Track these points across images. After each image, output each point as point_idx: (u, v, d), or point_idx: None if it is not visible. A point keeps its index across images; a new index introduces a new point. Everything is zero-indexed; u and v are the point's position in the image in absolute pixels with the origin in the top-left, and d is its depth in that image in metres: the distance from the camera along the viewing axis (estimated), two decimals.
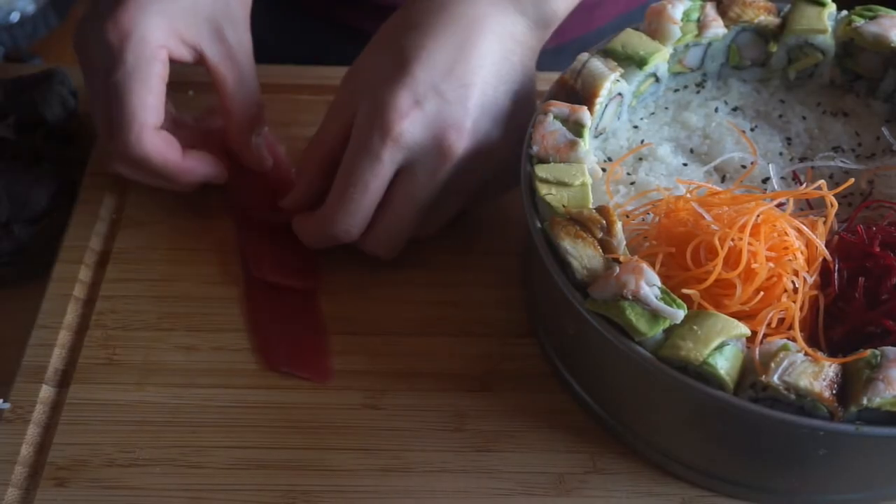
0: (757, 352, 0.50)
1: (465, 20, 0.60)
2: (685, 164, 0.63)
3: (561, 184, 0.57)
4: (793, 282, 0.53)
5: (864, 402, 0.47)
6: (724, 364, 0.49)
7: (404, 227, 0.63)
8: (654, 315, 0.50)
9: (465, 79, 0.59)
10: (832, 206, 0.56)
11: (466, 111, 0.59)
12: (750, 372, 0.50)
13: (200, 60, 0.65)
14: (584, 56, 0.63)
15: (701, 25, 0.65)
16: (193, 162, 0.65)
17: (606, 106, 0.62)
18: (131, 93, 0.60)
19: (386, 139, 0.58)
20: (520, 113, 0.62)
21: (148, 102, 0.61)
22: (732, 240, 0.52)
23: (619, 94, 0.63)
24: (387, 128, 0.58)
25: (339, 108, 0.63)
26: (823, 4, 0.65)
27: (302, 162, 0.66)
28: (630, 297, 0.50)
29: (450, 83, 0.58)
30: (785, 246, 0.53)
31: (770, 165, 0.62)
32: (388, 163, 0.59)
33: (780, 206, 0.55)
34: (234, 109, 0.66)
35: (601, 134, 0.64)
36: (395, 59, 0.59)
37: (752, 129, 0.65)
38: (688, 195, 0.57)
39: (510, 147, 0.61)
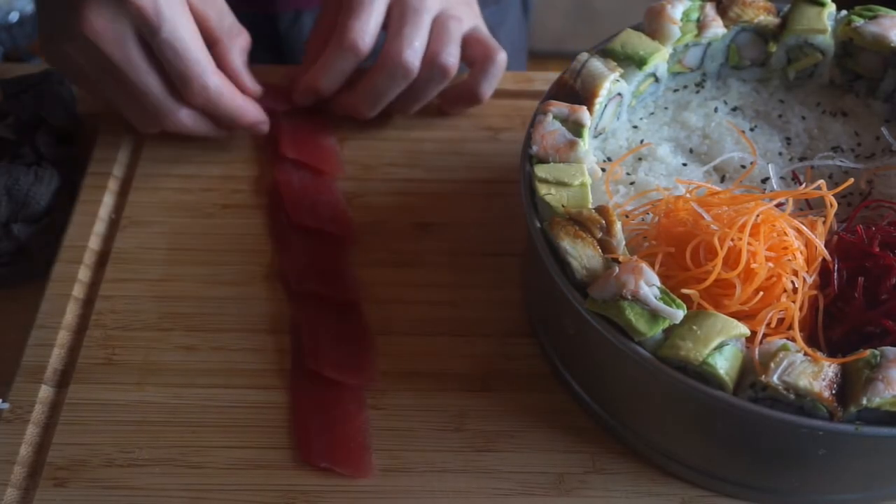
0: (756, 352, 0.50)
1: None
2: (685, 164, 0.63)
3: (560, 184, 0.57)
4: (792, 282, 0.53)
5: (864, 402, 0.47)
6: (724, 364, 0.49)
7: (416, 35, 0.70)
8: (654, 315, 0.50)
9: None
10: (831, 205, 0.56)
11: None
12: (749, 372, 0.50)
13: None
14: (583, 56, 0.63)
15: (700, 25, 0.65)
16: (247, 102, 0.70)
17: (606, 106, 0.62)
18: (188, 40, 0.64)
19: None
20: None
21: (202, 45, 0.66)
22: (732, 240, 0.52)
23: (619, 94, 0.63)
24: None
25: (321, 27, 0.74)
26: (823, 4, 0.65)
27: (308, 41, 0.75)
28: (630, 297, 0.50)
29: None
30: (784, 246, 0.53)
31: (769, 165, 0.62)
32: None
33: (779, 205, 0.55)
34: (223, 38, 0.70)
35: (601, 134, 0.64)
36: None
37: (751, 129, 0.65)
38: (687, 195, 0.57)
39: None
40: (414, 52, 0.70)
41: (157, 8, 0.62)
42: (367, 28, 0.69)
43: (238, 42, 0.70)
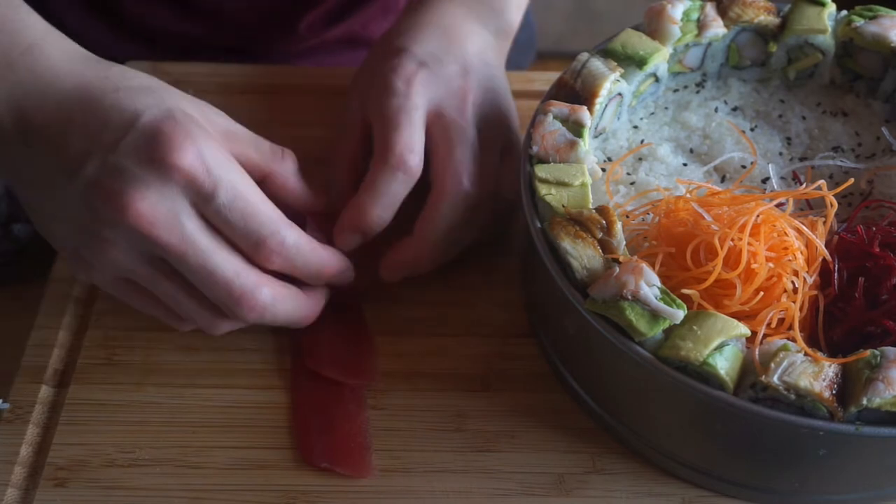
0: (757, 352, 0.50)
1: (445, 26, 0.66)
2: (685, 164, 0.63)
3: (561, 184, 0.57)
4: (793, 282, 0.53)
5: (864, 402, 0.47)
6: (724, 364, 0.49)
7: (468, 158, 0.61)
8: (654, 315, 0.50)
9: (456, 54, 0.64)
10: (832, 206, 0.56)
11: (466, 72, 0.64)
12: (750, 372, 0.50)
13: None
14: (584, 56, 0.63)
15: (701, 25, 0.65)
16: (327, 251, 0.59)
17: (606, 106, 0.62)
18: (250, 196, 0.53)
19: (409, 83, 0.61)
20: (506, 106, 0.67)
21: (265, 198, 0.55)
22: (732, 240, 0.52)
23: (619, 94, 0.63)
24: (405, 76, 0.61)
25: (349, 117, 0.66)
26: (823, 4, 0.65)
27: (330, 170, 0.66)
28: (630, 297, 0.50)
29: (445, 55, 0.64)
30: (785, 246, 0.53)
31: (770, 165, 0.62)
32: (416, 100, 0.61)
33: (779, 206, 0.55)
34: (271, 168, 0.59)
35: (601, 134, 0.64)
36: (390, 51, 0.64)
37: (751, 129, 0.65)
38: (688, 195, 0.57)
39: (504, 125, 0.65)
40: (473, 176, 0.61)
41: (208, 168, 0.51)
42: (414, 143, 0.59)
43: (288, 165, 0.59)
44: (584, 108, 0.60)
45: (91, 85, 0.53)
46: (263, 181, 0.58)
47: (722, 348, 0.49)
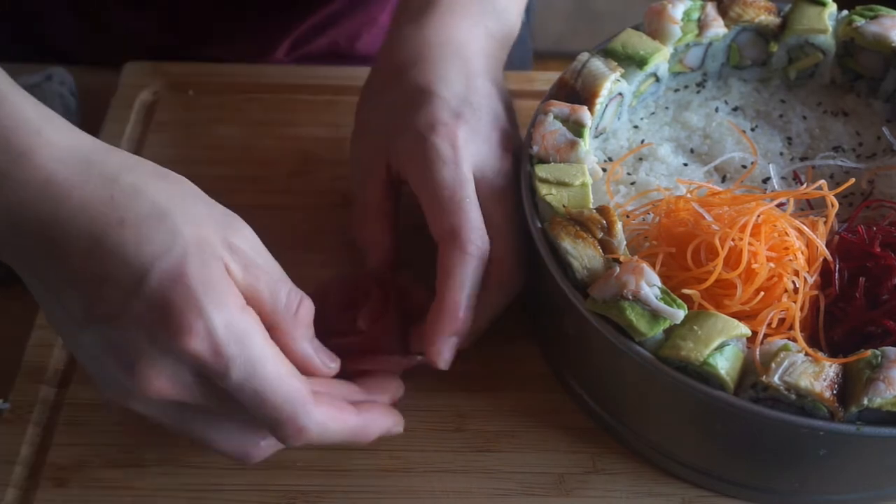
0: (757, 352, 0.50)
1: (454, 46, 0.62)
2: (685, 164, 0.63)
3: (561, 184, 0.57)
4: (793, 282, 0.53)
5: (865, 402, 0.47)
6: (725, 364, 0.49)
7: (515, 241, 0.58)
8: (655, 315, 0.50)
9: (481, 90, 0.61)
10: (833, 205, 0.56)
11: (497, 116, 0.61)
12: (750, 372, 0.50)
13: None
14: (584, 56, 0.63)
15: (701, 25, 0.65)
16: (369, 415, 0.53)
17: (606, 106, 0.62)
18: (267, 377, 0.47)
19: (454, 145, 0.57)
20: (513, 117, 0.65)
21: (287, 372, 0.49)
22: (733, 240, 0.52)
23: (620, 93, 0.63)
24: (449, 137, 0.58)
25: (367, 161, 0.62)
26: (824, 4, 0.65)
27: (357, 230, 0.63)
28: (630, 297, 0.50)
29: (473, 95, 0.60)
30: (785, 246, 0.53)
31: (770, 165, 0.62)
32: (465, 169, 0.57)
33: (780, 206, 0.55)
34: (281, 322, 0.51)
35: (601, 134, 0.64)
36: (412, 93, 0.60)
37: (752, 129, 0.65)
38: (688, 195, 0.57)
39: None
40: (521, 248, 0.58)
41: (218, 348, 0.46)
42: (480, 222, 0.57)
43: (301, 320, 0.52)
44: (585, 107, 0.60)
45: (93, 216, 0.46)
46: (270, 330, 0.50)
47: (722, 348, 0.49)
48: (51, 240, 0.46)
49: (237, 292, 0.48)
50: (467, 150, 0.58)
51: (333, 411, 0.51)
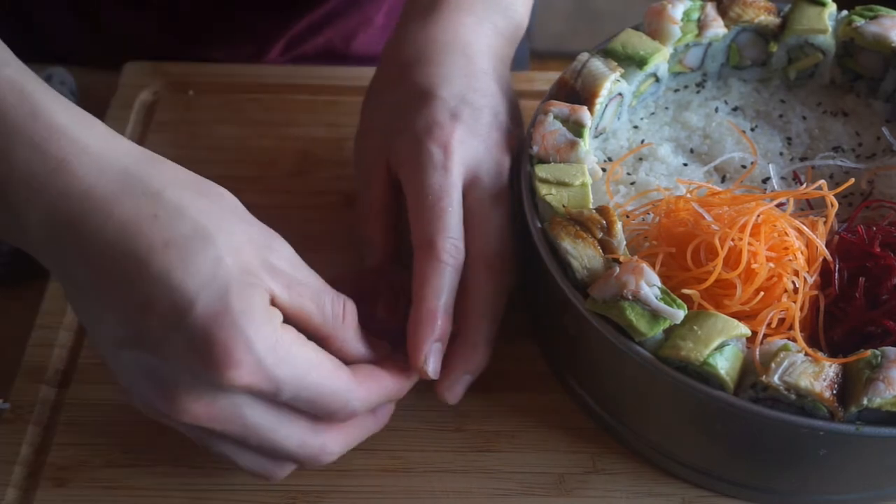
0: (757, 352, 0.50)
1: (459, 45, 0.62)
2: (685, 164, 0.63)
3: (561, 184, 0.57)
4: (793, 282, 0.53)
5: (865, 402, 0.47)
6: (725, 364, 0.49)
7: (504, 232, 0.58)
8: (655, 315, 0.50)
9: (484, 90, 0.61)
10: (832, 205, 0.56)
11: (497, 114, 0.61)
12: (750, 372, 0.50)
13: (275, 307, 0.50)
14: (584, 56, 0.63)
15: (701, 25, 0.65)
16: (398, 372, 0.55)
17: (606, 106, 0.62)
18: (317, 385, 0.49)
19: (446, 151, 0.58)
20: (516, 115, 0.65)
21: (330, 370, 0.50)
22: (732, 240, 0.52)
23: (620, 94, 0.63)
24: (442, 141, 0.58)
25: (369, 161, 0.62)
26: (824, 4, 0.65)
27: (360, 229, 0.63)
28: (630, 297, 0.50)
29: (474, 95, 0.60)
30: (785, 246, 0.53)
31: (770, 165, 0.62)
32: (455, 174, 0.57)
33: (780, 206, 0.55)
34: (330, 331, 0.52)
35: (601, 134, 0.64)
36: (414, 93, 0.60)
37: (752, 129, 0.65)
38: (688, 195, 0.57)
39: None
40: (510, 259, 0.59)
41: (267, 374, 0.46)
42: (457, 231, 0.57)
43: (349, 324, 0.53)
44: (585, 108, 0.60)
45: (137, 236, 0.45)
46: (321, 342, 0.52)
47: (722, 348, 0.49)
48: (93, 257, 0.46)
49: (276, 313, 0.48)
50: (461, 152, 0.58)
51: (372, 383, 0.52)
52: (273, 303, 0.48)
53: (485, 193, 0.58)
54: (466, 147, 0.58)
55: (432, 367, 0.55)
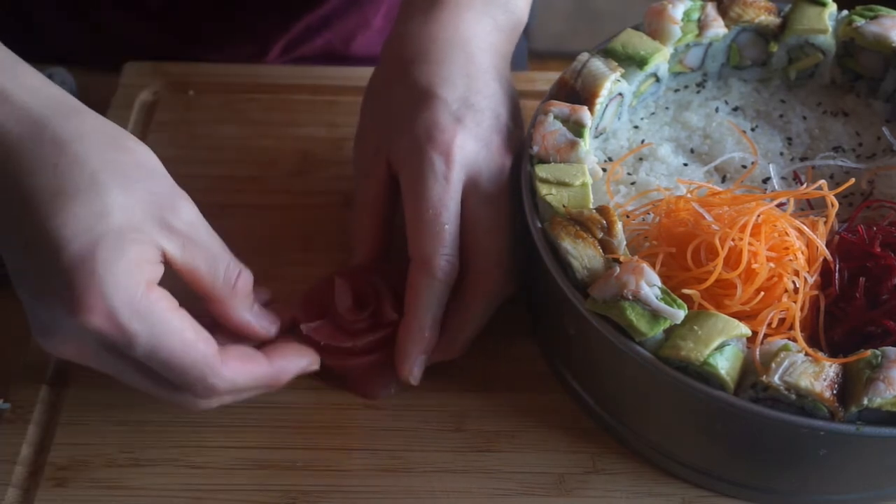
0: (757, 352, 0.50)
1: (460, 43, 0.62)
2: (686, 164, 0.63)
3: (561, 184, 0.57)
4: (793, 282, 0.53)
5: (865, 402, 0.47)
6: (725, 364, 0.49)
7: (501, 243, 0.59)
8: (655, 315, 0.50)
9: (485, 90, 0.61)
10: (833, 205, 0.56)
11: (499, 116, 0.61)
12: (750, 372, 0.50)
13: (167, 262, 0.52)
14: (584, 56, 0.63)
15: (701, 25, 0.65)
16: (281, 360, 0.57)
17: (607, 106, 0.62)
18: (173, 347, 0.50)
19: (448, 160, 0.58)
20: (519, 111, 0.65)
21: (193, 339, 0.51)
22: (733, 240, 0.52)
23: (620, 94, 0.63)
24: (443, 148, 0.58)
25: (368, 159, 0.63)
26: (824, 4, 0.65)
27: (354, 223, 0.64)
28: (630, 297, 0.50)
29: (476, 96, 0.60)
30: (785, 246, 0.53)
31: (770, 165, 0.62)
32: (456, 183, 0.58)
33: (780, 206, 0.55)
34: (219, 295, 0.54)
35: (601, 134, 0.64)
36: (414, 93, 0.60)
37: (752, 129, 0.65)
38: (688, 195, 0.57)
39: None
40: (508, 263, 0.59)
41: (120, 324, 0.48)
42: (452, 246, 0.58)
43: (240, 292, 0.55)
44: (585, 108, 0.60)
45: (35, 183, 0.48)
46: (209, 304, 0.55)
47: (722, 348, 0.49)
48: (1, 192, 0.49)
49: (152, 273, 0.50)
50: (462, 158, 0.58)
51: (241, 365, 0.54)
52: (166, 260, 0.51)
53: (484, 198, 0.59)
54: (468, 152, 0.58)
55: (416, 377, 0.59)
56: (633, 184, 0.62)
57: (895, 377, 0.48)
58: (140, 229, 0.49)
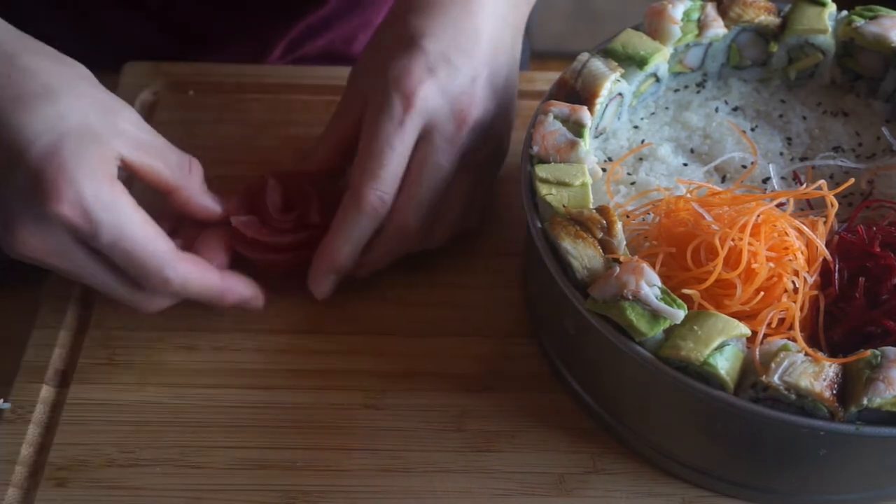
0: (757, 352, 0.50)
1: (462, 2, 0.63)
2: (685, 164, 0.63)
3: (561, 184, 0.57)
4: (793, 282, 0.53)
5: (865, 402, 0.47)
6: (725, 364, 0.49)
7: (429, 198, 0.62)
8: (655, 315, 0.50)
9: (470, 51, 0.62)
10: (832, 205, 0.56)
11: (475, 79, 0.62)
12: (750, 372, 0.50)
13: (123, 165, 0.57)
14: (584, 56, 0.63)
15: (701, 25, 0.65)
16: (232, 280, 0.61)
17: (607, 106, 0.62)
18: (134, 236, 0.54)
19: (407, 105, 0.59)
20: (511, 87, 0.65)
21: (154, 234, 0.56)
22: (733, 240, 0.52)
23: (620, 94, 0.63)
24: (406, 93, 0.59)
25: (351, 94, 0.65)
26: (824, 4, 0.65)
27: (319, 140, 0.66)
28: (630, 297, 0.50)
29: (457, 54, 0.61)
30: (785, 246, 0.53)
31: (770, 165, 0.62)
32: (410, 128, 0.60)
33: (780, 206, 0.55)
34: (176, 183, 0.60)
35: (601, 134, 0.64)
36: (402, 38, 0.62)
37: (752, 129, 0.65)
38: (688, 195, 0.57)
39: (503, 119, 0.65)
40: (423, 219, 0.62)
41: (86, 212, 0.52)
42: (389, 187, 0.60)
43: (195, 176, 0.61)
44: (585, 108, 0.60)
45: None
46: (168, 195, 0.60)
47: (722, 348, 0.49)
48: None
49: (112, 169, 0.55)
50: (422, 107, 0.59)
51: (194, 267, 0.58)
52: (123, 163, 0.56)
53: (432, 152, 0.61)
54: (430, 104, 0.60)
55: (322, 293, 0.63)
56: (633, 184, 0.62)
57: (895, 377, 0.48)
58: (96, 131, 0.54)
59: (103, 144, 0.54)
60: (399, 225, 0.62)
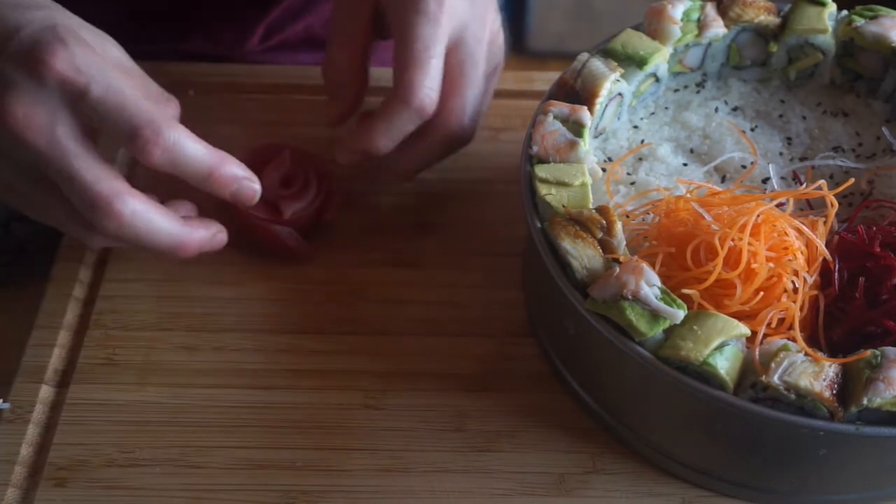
0: (757, 352, 0.50)
1: None
2: (685, 164, 0.63)
3: (561, 184, 0.57)
4: (793, 282, 0.53)
5: (865, 402, 0.47)
6: (725, 364, 0.49)
7: (476, 96, 0.64)
8: (655, 315, 0.50)
9: None
10: (832, 205, 0.56)
11: None
12: (750, 372, 0.50)
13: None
14: (584, 56, 0.63)
15: (701, 25, 0.65)
16: (196, 222, 0.60)
17: (606, 106, 0.62)
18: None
19: (440, 4, 0.61)
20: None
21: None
22: (732, 240, 0.52)
23: (619, 94, 0.63)
24: None
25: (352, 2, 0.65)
26: (824, 4, 0.65)
27: (330, 66, 0.67)
28: (630, 297, 0.50)
29: None
30: (785, 246, 0.53)
31: (770, 165, 0.62)
32: (445, 25, 0.61)
33: (780, 206, 0.55)
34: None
35: (601, 134, 0.64)
36: None
37: (752, 129, 0.65)
38: (688, 195, 0.57)
39: (497, 15, 0.68)
40: (474, 115, 0.65)
41: (79, 68, 0.53)
42: (436, 85, 0.61)
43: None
44: (585, 108, 0.60)
45: None
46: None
47: (722, 348, 0.49)
48: None
49: (101, 46, 0.56)
50: (452, 8, 0.61)
51: (152, 207, 0.56)
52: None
53: (465, 62, 0.63)
54: (459, 5, 0.61)
55: (342, 158, 0.66)
56: (632, 184, 0.62)
57: (895, 377, 0.48)
58: (88, 29, 0.57)
59: (96, 34, 0.57)
60: (453, 124, 0.63)
